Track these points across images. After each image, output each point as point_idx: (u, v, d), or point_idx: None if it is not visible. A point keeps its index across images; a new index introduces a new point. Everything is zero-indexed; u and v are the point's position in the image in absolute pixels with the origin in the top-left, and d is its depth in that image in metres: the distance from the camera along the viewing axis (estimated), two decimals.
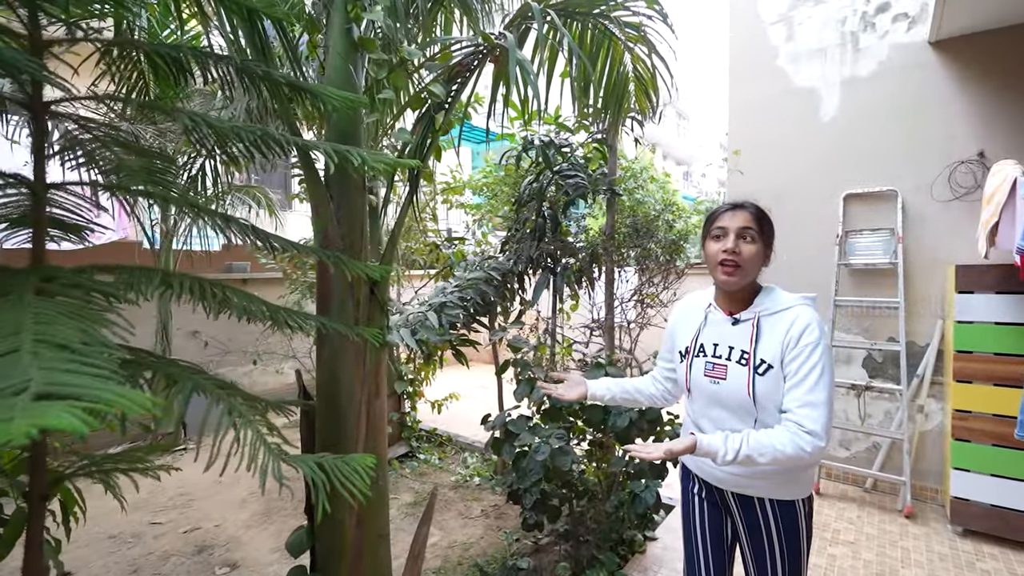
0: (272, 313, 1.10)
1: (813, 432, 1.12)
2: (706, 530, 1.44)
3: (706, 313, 1.37)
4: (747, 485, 1.31)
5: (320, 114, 1.46)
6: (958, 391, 2.79)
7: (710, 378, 1.30)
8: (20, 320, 0.71)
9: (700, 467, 1.41)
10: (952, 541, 2.75)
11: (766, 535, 1.31)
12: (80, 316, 0.78)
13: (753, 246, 1.25)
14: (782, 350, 1.21)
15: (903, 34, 3.21)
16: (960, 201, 3.03)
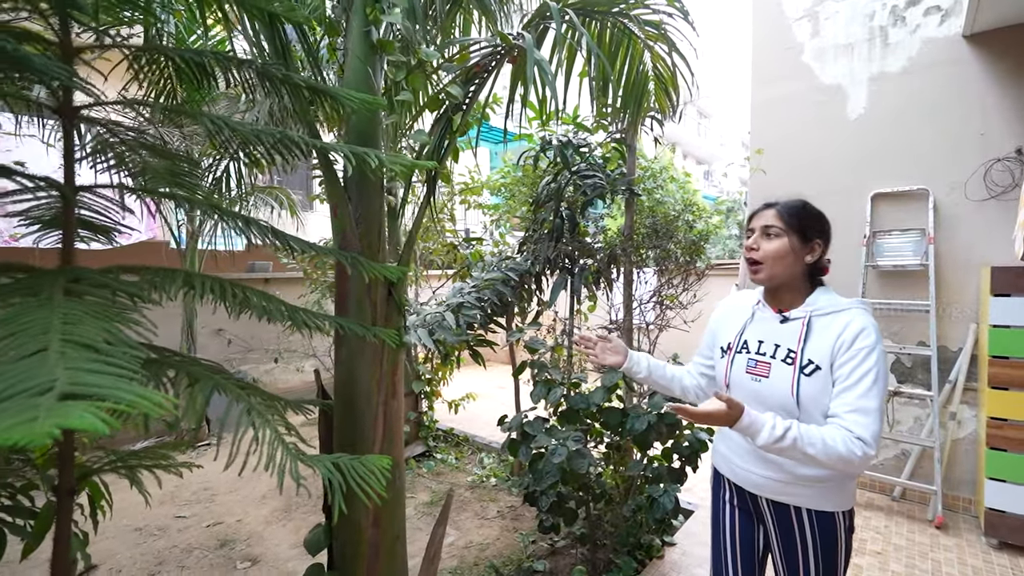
0: (291, 313, 1.11)
1: (863, 439, 1.06)
2: (736, 540, 1.38)
3: (754, 310, 1.33)
4: (785, 492, 1.24)
5: (340, 116, 1.46)
6: (993, 398, 2.68)
7: (751, 375, 1.25)
8: (49, 320, 0.73)
9: (734, 472, 1.35)
10: (986, 554, 2.64)
11: (801, 549, 1.24)
12: (106, 316, 0.80)
13: (776, 241, 1.23)
14: (833, 352, 1.15)
15: (935, 28, 3.10)
16: (996, 200, 2.91)
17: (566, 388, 2.46)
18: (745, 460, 1.30)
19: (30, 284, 0.83)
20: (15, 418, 0.47)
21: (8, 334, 0.67)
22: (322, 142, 1.13)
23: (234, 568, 2.79)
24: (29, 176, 0.99)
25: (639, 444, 2.36)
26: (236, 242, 5.07)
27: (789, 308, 1.27)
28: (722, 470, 1.41)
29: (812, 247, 1.27)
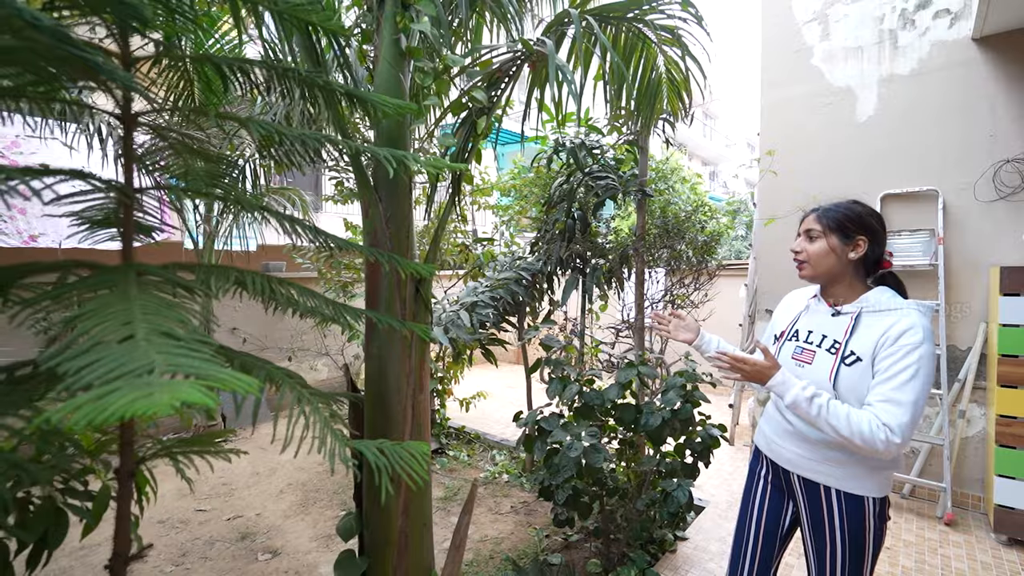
0: (335, 310, 1.17)
1: (889, 426, 1.12)
2: (763, 510, 1.48)
3: (809, 303, 1.45)
4: (816, 470, 1.31)
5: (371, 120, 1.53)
6: (1003, 396, 2.71)
7: (796, 361, 1.36)
8: (130, 311, 0.79)
9: (771, 448, 1.44)
10: (996, 550, 2.67)
11: (829, 529, 1.29)
12: (174, 308, 0.86)
13: (817, 243, 1.36)
14: (876, 347, 1.22)
15: (945, 31, 3.14)
16: (1005, 201, 2.94)
17: (581, 384, 2.51)
18: (782, 438, 1.40)
19: (106, 279, 0.89)
20: (135, 393, 0.54)
21: (99, 323, 0.74)
22: (367, 145, 1.19)
23: (255, 559, 2.86)
24: (98, 179, 1.06)
25: (653, 439, 2.41)
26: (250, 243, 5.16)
27: (842, 303, 1.36)
28: (762, 447, 1.51)
29: (856, 244, 1.33)
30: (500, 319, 3.83)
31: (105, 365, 0.62)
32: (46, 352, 0.70)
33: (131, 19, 1.07)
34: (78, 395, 0.56)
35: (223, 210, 4.75)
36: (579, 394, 2.49)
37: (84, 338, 0.74)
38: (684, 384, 2.50)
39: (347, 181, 4.14)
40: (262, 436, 4.91)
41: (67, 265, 1.06)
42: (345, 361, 5.57)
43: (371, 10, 1.64)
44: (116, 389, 0.54)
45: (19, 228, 5.20)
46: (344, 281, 4.54)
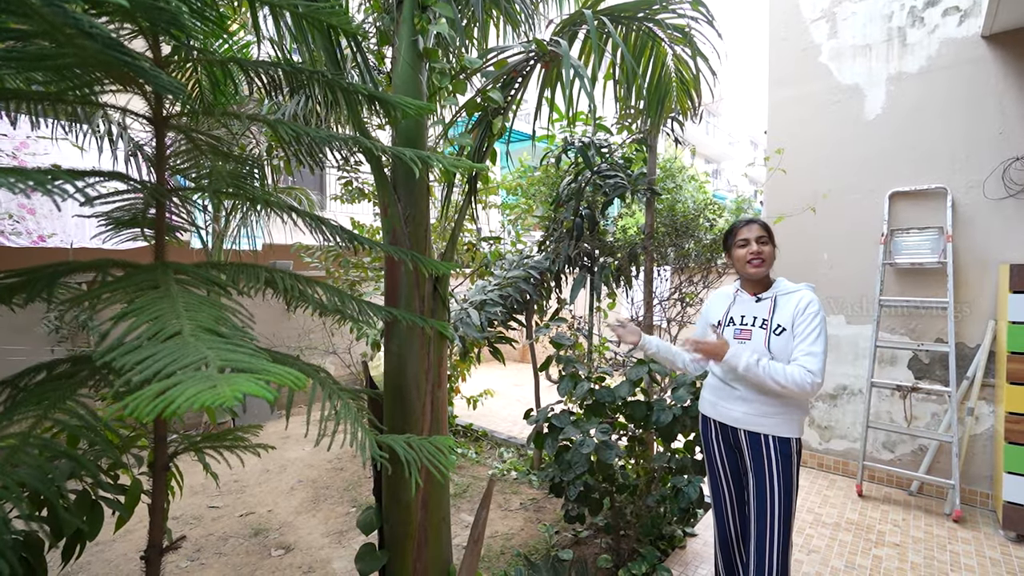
0: (359, 307, 1.20)
1: (812, 371, 1.57)
2: (726, 468, 1.86)
3: (735, 296, 1.87)
4: (756, 423, 1.71)
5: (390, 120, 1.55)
6: (1012, 393, 2.72)
7: (738, 340, 1.76)
8: (175, 308, 0.82)
9: (718, 411, 1.82)
10: (1004, 547, 2.69)
11: (767, 468, 1.68)
12: (214, 306, 0.89)
13: (767, 247, 1.76)
14: (792, 318, 1.68)
15: (954, 28, 3.14)
16: (1015, 199, 2.95)
17: (592, 382, 2.54)
18: (729, 402, 1.79)
19: (147, 278, 0.92)
20: (200, 386, 0.56)
21: (149, 319, 0.76)
22: (392, 147, 1.22)
23: (269, 555, 2.90)
24: (136, 180, 1.08)
25: (664, 436, 2.43)
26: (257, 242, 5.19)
27: (759, 292, 1.81)
28: (709, 413, 1.88)
29: (774, 250, 1.80)
30: (508, 317, 3.86)
31: (161, 360, 0.65)
32: (100, 348, 0.73)
33: (169, 25, 1.09)
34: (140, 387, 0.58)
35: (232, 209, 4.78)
36: (590, 391, 2.51)
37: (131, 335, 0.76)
38: (694, 382, 2.52)
39: (355, 181, 4.16)
40: (270, 434, 4.95)
41: (103, 264, 1.09)
42: (351, 360, 5.60)
43: (389, 12, 1.66)
44: (180, 382, 0.56)
45: (28, 228, 5.24)
46: (351, 280, 4.57)
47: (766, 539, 1.67)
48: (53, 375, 1.01)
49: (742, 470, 1.82)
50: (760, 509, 1.69)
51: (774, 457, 1.68)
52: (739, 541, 1.88)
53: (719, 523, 1.93)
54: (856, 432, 3.49)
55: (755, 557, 1.69)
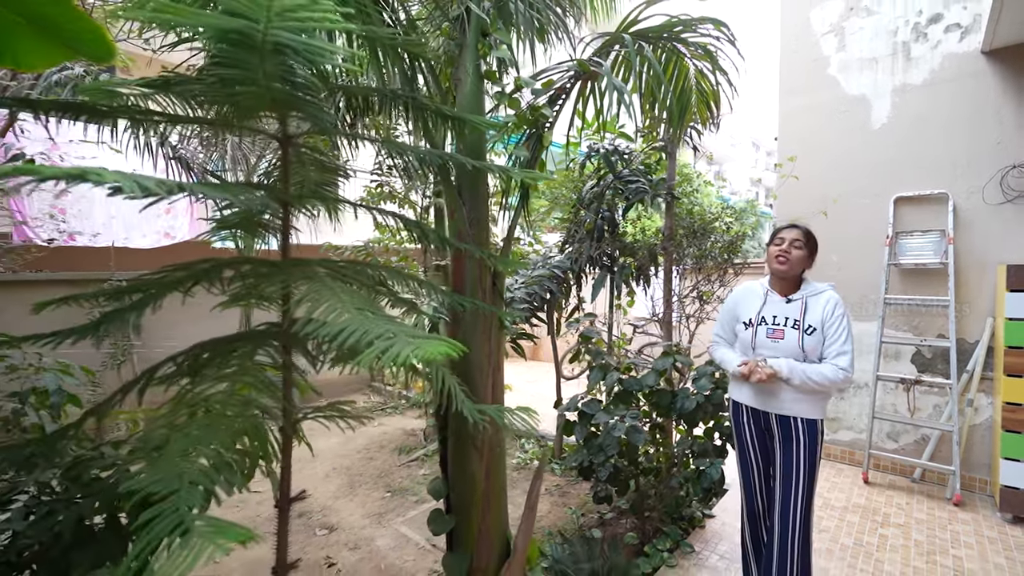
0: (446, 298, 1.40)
1: (845, 368, 1.80)
2: (756, 449, 2.04)
3: (765, 296, 2.01)
4: (788, 408, 1.89)
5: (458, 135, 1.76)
6: (1009, 385, 2.93)
7: (771, 339, 1.92)
8: (336, 294, 1.02)
9: (755, 399, 1.98)
10: (1001, 527, 2.89)
11: (796, 446, 1.87)
12: (356, 293, 1.09)
13: (800, 251, 1.94)
14: (823, 319, 1.86)
15: (955, 44, 3.35)
16: (1012, 204, 3.16)
17: (621, 372, 2.74)
18: (764, 391, 1.95)
19: (299, 271, 1.12)
20: (409, 347, 0.77)
21: (323, 301, 0.97)
22: (482, 162, 1.42)
23: (314, 534, 3.10)
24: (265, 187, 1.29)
25: (688, 422, 2.64)
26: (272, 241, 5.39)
27: (789, 293, 1.97)
28: (744, 400, 2.04)
29: (812, 262, 1.99)
30: (532, 314, 4.07)
31: (358, 331, 0.85)
32: (298, 324, 0.93)
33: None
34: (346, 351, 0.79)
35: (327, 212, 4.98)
36: (619, 381, 2.72)
37: (299, 315, 0.97)
38: (713, 372, 2.72)
39: (385, 185, 4.38)
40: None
41: (241, 262, 1.30)
42: None
43: (455, 39, 1.87)
44: (394, 344, 0.77)
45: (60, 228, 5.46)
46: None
47: (790, 509, 1.86)
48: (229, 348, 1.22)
49: (770, 448, 2.00)
50: (786, 483, 1.88)
51: (803, 437, 1.87)
52: (765, 514, 2.06)
53: (748, 499, 2.10)
54: (862, 423, 3.69)
55: (779, 525, 1.88)
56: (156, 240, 6.64)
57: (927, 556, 2.62)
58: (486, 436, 1.79)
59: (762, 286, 2.05)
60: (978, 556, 2.62)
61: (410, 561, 2.82)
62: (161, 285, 1.13)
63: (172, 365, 1.18)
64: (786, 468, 1.89)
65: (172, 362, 1.20)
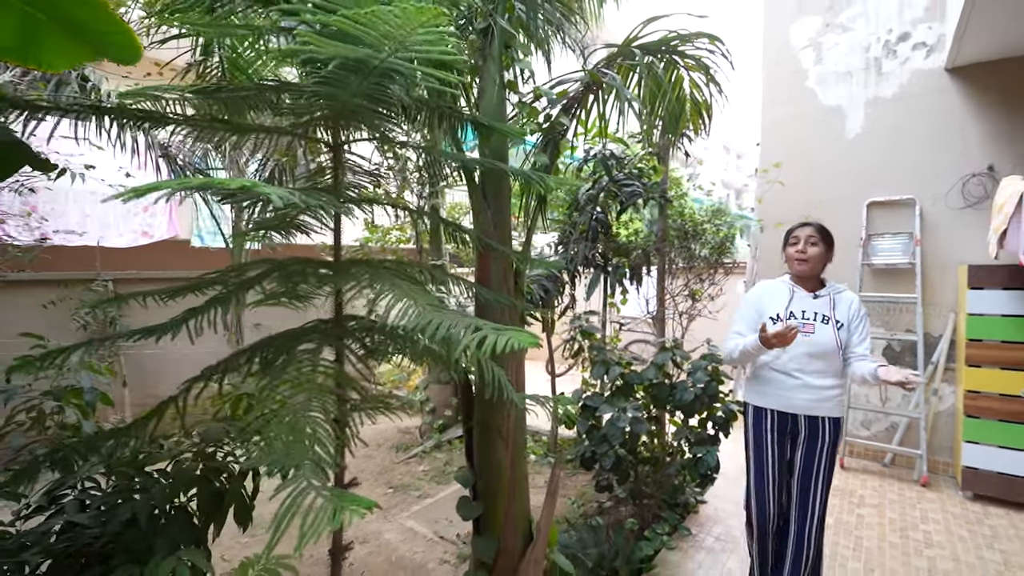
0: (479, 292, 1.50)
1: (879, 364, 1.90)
2: (775, 456, 2.02)
3: (792, 291, 2.04)
4: (815, 407, 1.94)
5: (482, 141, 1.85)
6: (969, 375, 3.21)
7: (803, 333, 1.92)
8: (404, 291, 1.11)
9: (782, 402, 1.99)
10: (963, 504, 3.17)
11: (819, 447, 1.93)
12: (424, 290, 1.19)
13: (816, 248, 1.99)
14: (849, 317, 1.94)
15: (922, 61, 3.63)
16: (972, 209, 3.45)
17: (622, 367, 2.89)
18: (791, 391, 1.96)
19: (366, 270, 1.21)
20: (499, 337, 0.87)
21: (402, 297, 1.06)
22: (508, 166, 1.52)
23: None
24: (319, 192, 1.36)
25: (685, 412, 2.80)
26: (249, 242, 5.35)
27: (815, 290, 2.03)
28: (767, 404, 2.04)
29: (831, 256, 2.05)
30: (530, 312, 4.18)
31: (444, 325, 0.95)
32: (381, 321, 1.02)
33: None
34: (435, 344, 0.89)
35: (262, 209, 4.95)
36: (621, 375, 2.86)
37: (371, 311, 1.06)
38: (707, 366, 2.90)
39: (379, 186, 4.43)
40: None
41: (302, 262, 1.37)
42: None
43: (480, 50, 1.97)
44: (487, 336, 0.87)
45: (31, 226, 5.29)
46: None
47: (809, 504, 1.93)
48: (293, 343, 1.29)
49: (787, 448, 2.01)
50: (806, 478, 1.93)
51: (827, 436, 1.92)
52: (776, 515, 2.02)
53: (760, 508, 2.04)
54: None
55: (797, 522, 1.94)
56: (133, 239, 6.47)
57: (900, 532, 2.86)
58: (510, 426, 1.90)
59: (785, 283, 2.08)
60: (944, 530, 2.87)
61: (420, 553, 2.90)
62: (240, 283, 1.19)
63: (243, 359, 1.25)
64: (807, 464, 1.93)
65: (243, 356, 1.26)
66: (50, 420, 1.61)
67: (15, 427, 1.55)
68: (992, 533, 2.84)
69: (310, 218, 1.64)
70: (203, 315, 1.22)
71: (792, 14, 4.15)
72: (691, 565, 2.60)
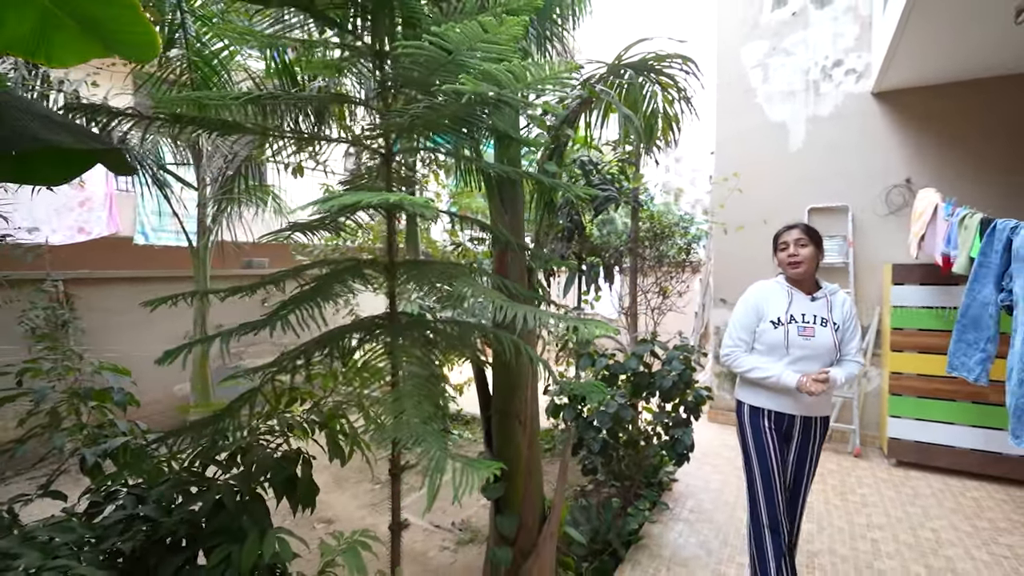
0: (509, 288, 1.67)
1: (862, 363, 2.15)
2: (777, 456, 2.01)
3: (790, 294, 2.02)
4: (810, 409, 1.98)
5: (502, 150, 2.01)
6: (894, 358, 3.73)
7: (803, 336, 1.95)
8: (473, 285, 1.26)
9: (779, 405, 2.00)
10: (889, 470, 3.69)
11: (812, 444, 2.03)
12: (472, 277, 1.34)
13: (806, 249, 2.00)
14: (843, 318, 1.97)
15: (852, 85, 4.15)
16: (894, 215, 3.99)
17: (608, 359, 3.13)
18: (791, 393, 1.96)
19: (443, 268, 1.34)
20: (588, 328, 1.04)
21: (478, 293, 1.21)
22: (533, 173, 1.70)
23: (313, 527, 3.17)
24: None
25: (664, 397, 3.09)
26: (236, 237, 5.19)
27: (812, 291, 2.03)
28: (765, 405, 2.03)
29: (821, 253, 2.05)
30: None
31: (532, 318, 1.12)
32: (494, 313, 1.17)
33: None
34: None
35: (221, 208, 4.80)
36: (607, 367, 3.11)
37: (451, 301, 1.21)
38: (681, 356, 3.20)
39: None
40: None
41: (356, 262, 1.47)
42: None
43: None
44: (577, 325, 1.04)
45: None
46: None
47: (799, 501, 2.07)
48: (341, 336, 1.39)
49: (783, 447, 2.04)
50: (800, 469, 2.04)
51: (819, 434, 2.03)
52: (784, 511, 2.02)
53: (768, 503, 2.00)
54: None
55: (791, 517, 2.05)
56: (70, 236, 6.04)
57: (841, 495, 3.30)
58: (528, 412, 2.08)
59: (781, 285, 2.07)
60: (876, 492, 3.34)
61: (419, 542, 3.00)
62: (323, 284, 1.29)
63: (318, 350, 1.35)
64: (801, 457, 2.03)
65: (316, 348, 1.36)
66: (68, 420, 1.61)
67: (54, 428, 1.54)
68: (913, 492, 3.34)
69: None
70: (296, 310, 1.31)
71: (743, 37, 4.58)
72: (672, 535, 2.89)
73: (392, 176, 1.61)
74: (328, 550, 1.28)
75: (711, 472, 3.74)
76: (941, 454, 3.57)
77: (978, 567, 2.52)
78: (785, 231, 2.09)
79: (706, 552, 2.71)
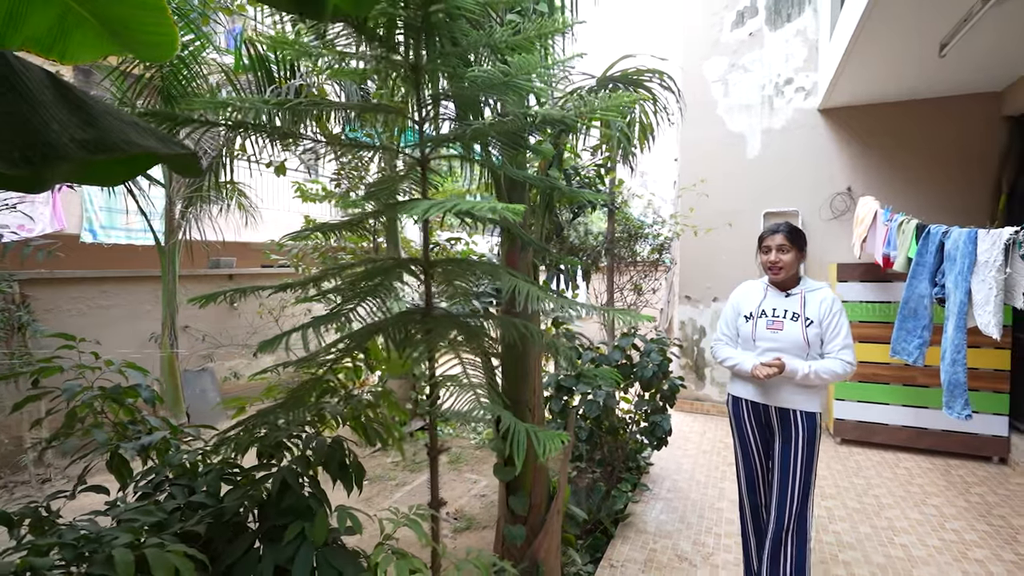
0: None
1: (851, 361, 1.89)
2: (757, 442, 2.08)
3: (766, 291, 2.11)
4: (787, 400, 1.94)
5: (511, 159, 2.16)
6: None
7: (771, 329, 1.99)
8: (516, 280, 1.42)
9: (755, 393, 2.04)
10: (836, 448, 4.12)
11: (793, 442, 1.92)
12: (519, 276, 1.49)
13: (788, 254, 2.03)
14: (820, 314, 1.94)
15: (802, 102, 4.58)
16: (837, 220, 4.45)
17: (595, 352, 3.35)
18: (763, 383, 2.00)
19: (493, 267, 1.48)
20: (626, 318, 1.22)
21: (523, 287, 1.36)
22: (550, 179, 1.87)
23: None
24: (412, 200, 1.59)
25: (645, 387, 3.33)
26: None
27: (789, 288, 2.08)
28: (741, 394, 2.11)
29: (804, 255, 2.11)
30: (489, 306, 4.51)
31: (576, 309, 1.29)
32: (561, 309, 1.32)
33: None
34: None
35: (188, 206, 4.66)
36: (592, 360, 3.32)
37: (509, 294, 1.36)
38: (658, 348, 3.46)
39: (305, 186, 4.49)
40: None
41: (398, 261, 1.58)
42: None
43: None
44: (615, 316, 1.22)
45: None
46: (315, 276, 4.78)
47: (786, 501, 1.91)
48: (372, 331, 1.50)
49: (770, 442, 2.04)
50: (783, 475, 1.92)
51: (802, 431, 1.91)
52: (767, 506, 2.03)
53: (750, 493, 2.10)
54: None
55: (775, 518, 1.93)
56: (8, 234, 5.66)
57: None
58: (536, 400, 2.25)
59: (763, 283, 2.14)
60: (825, 467, 3.74)
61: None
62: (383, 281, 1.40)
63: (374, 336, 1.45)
64: (783, 460, 1.94)
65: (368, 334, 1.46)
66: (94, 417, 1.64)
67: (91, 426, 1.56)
68: (856, 466, 3.77)
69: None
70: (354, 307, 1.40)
71: (706, 53, 4.95)
72: (654, 512, 3.14)
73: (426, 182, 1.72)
74: (393, 523, 1.39)
75: (681, 456, 4.04)
76: (878, 431, 4.03)
77: (913, 525, 2.92)
78: (770, 234, 2.07)
79: (686, 525, 2.97)
